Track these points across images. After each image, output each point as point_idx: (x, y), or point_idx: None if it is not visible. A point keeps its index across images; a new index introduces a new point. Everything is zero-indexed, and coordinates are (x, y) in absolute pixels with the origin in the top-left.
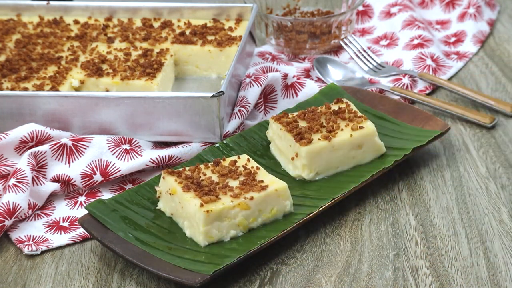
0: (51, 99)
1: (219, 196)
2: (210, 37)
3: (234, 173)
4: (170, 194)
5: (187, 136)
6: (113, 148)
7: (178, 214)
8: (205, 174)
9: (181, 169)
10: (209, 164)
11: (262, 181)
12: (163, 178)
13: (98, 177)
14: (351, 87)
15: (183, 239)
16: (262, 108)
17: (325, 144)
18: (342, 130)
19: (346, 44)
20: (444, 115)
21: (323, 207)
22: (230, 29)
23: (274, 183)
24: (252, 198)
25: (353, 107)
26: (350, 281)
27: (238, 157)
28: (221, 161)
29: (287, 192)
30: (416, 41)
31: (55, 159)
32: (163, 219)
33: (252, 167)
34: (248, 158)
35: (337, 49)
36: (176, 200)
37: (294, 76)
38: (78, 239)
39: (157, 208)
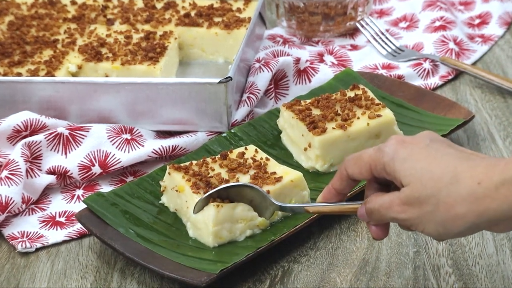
0: (46, 85)
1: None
2: (217, 19)
3: (243, 166)
4: (177, 191)
5: (192, 125)
6: (113, 138)
7: (182, 212)
8: (213, 169)
9: (187, 164)
10: (216, 158)
11: (274, 172)
12: (169, 174)
13: (96, 169)
14: (368, 72)
15: (188, 235)
16: (273, 95)
17: (340, 133)
18: (358, 118)
19: (362, 26)
20: (468, 102)
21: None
22: (238, 10)
23: (288, 174)
24: (268, 192)
25: (370, 93)
26: (367, 281)
27: (246, 148)
28: (228, 153)
29: (303, 181)
30: (437, 23)
31: (51, 150)
32: (167, 214)
33: (262, 158)
34: (256, 149)
35: (353, 32)
36: (183, 199)
37: (307, 61)
38: (76, 236)
39: (160, 202)
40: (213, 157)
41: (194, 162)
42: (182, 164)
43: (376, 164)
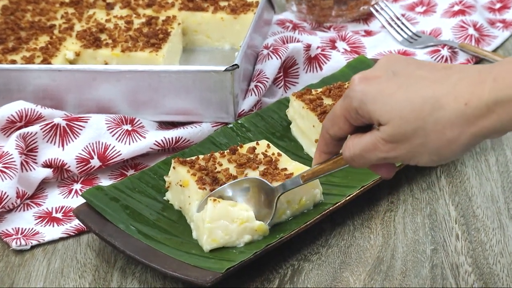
0: (42, 73)
1: None
2: (222, 3)
3: (253, 162)
4: (181, 186)
5: (196, 115)
6: (113, 129)
7: (186, 210)
8: (221, 165)
9: (194, 158)
10: (225, 152)
11: (285, 169)
12: (174, 168)
13: (95, 162)
14: None
15: (190, 233)
16: (282, 83)
17: None
18: None
19: (377, 11)
20: None
21: (351, 196)
22: None
23: (300, 170)
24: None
25: None
26: (382, 280)
27: (257, 143)
28: (238, 148)
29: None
30: (456, 8)
31: (47, 142)
32: (171, 210)
33: (273, 154)
34: (268, 144)
35: (367, 17)
36: (187, 194)
37: (318, 47)
38: (73, 232)
39: (164, 198)
40: (221, 151)
41: (201, 156)
42: (188, 158)
43: (349, 112)
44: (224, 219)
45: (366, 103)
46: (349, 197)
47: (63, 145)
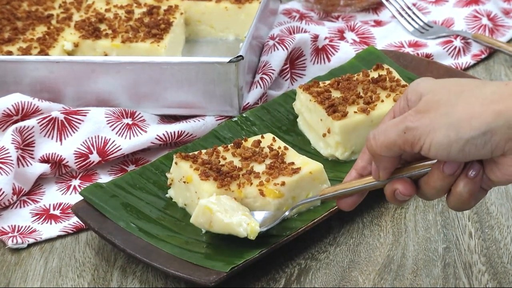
0: (39, 65)
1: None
2: None
3: (259, 155)
4: (184, 182)
5: (199, 108)
6: (113, 123)
7: (193, 206)
8: (225, 158)
9: (196, 153)
10: (229, 146)
11: (292, 163)
12: (176, 163)
13: (95, 157)
14: (393, 50)
15: (195, 231)
16: (288, 75)
17: (363, 118)
18: (382, 101)
19: (387, 0)
20: None
21: None
22: None
23: (308, 165)
24: (283, 184)
25: (395, 74)
26: (392, 279)
27: (262, 137)
28: (243, 142)
29: (323, 174)
30: None
31: (44, 136)
32: (173, 208)
33: (279, 148)
34: (274, 138)
35: (377, 6)
36: (192, 190)
37: (325, 38)
38: (72, 230)
39: (167, 195)
40: (225, 145)
41: (204, 151)
42: (190, 153)
43: (399, 105)
44: (229, 205)
45: (419, 84)
46: None
47: (61, 140)
